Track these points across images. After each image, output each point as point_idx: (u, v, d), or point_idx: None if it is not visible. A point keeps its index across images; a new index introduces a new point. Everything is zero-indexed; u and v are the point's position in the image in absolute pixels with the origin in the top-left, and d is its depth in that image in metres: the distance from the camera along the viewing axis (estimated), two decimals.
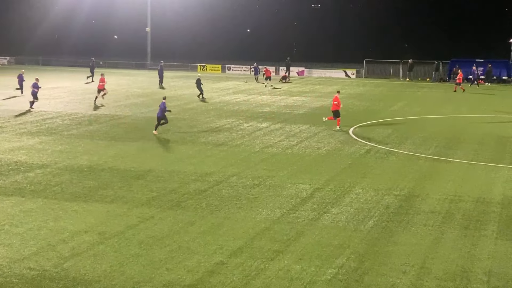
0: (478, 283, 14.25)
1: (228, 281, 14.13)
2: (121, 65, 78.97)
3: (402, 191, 21.85)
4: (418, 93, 55.79)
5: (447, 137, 32.55)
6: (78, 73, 56.37)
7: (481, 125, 37.09)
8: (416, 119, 39.25)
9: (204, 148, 29.12)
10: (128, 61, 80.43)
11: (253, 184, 22.50)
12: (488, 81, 64.08)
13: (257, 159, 26.84)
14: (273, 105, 45.02)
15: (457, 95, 54.03)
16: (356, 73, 71.48)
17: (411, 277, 14.50)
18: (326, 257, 15.65)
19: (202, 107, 43.06)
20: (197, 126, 35.05)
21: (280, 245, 16.40)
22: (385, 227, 18.07)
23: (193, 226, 17.87)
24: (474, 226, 18.17)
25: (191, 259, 15.38)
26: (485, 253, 16.07)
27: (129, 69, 77.77)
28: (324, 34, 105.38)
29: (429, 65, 68.57)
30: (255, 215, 19.02)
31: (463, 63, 67.06)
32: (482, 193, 21.60)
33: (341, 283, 14.17)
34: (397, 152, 28.72)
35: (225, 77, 67.44)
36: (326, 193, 21.45)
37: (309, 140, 31.43)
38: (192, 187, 22.00)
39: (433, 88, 59.80)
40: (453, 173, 24.74)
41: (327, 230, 17.73)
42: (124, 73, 70.39)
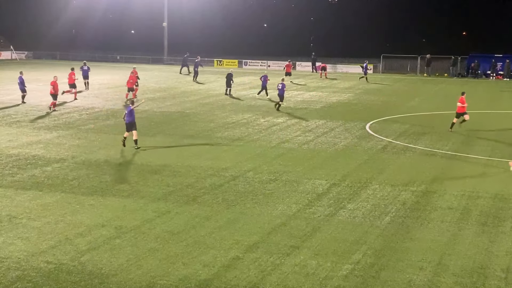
0: (495, 279, 14.14)
1: (244, 276, 14.14)
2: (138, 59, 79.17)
3: (419, 187, 21.73)
4: (436, 88, 55.43)
5: (464, 133, 32.31)
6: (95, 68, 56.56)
7: (499, 121, 36.77)
8: (433, 114, 38.99)
9: (220, 143, 29.13)
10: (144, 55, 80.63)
11: (269, 179, 22.48)
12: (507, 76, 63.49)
13: (273, 154, 26.80)
14: (289, 100, 44.91)
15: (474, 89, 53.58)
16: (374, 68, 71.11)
17: (428, 273, 14.42)
18: (342, 252, 15.61)
19: (218, 102, 43.08)
20: (213, 121, 35.07)
21: (296, 241, 16.38)
22: (402, 223, 17.98)
23: (209, 221, 17.89)
24: (492, 223, 18.03)
25: (207, 253, 15.41)
26: (503, 249, 15.95)
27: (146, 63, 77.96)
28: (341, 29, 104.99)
29: (447, 60, 68.06)
30: (271, 210, 19.01)
31: (482, 58, 66.51)
32: (499, 190, 21.43)
33: (358, 279, 14.12)
34: (414, 148, 28.56)
35: (242, 72, 67.37)
36: (343, 189, 21.38)
37: (325, 135, 31.34)
38: (208, 182, 22.03)
39: (451, 84, 59.38)
40: (471, 169, 24.56)
41: (343, 225, 17.68)
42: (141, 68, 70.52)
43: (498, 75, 64.29)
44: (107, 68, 69.46)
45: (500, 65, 64.79)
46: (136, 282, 13.76)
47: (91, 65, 54.01)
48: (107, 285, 13.61)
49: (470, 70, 66.11)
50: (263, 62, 75.62)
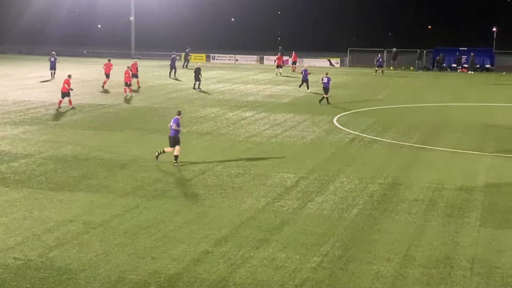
0: (461, 270, 14.40)
1: (214, 270, 14.18)
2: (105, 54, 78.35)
3: (386, 179, 21.98)
4: (402, 82, 56.00)
5: (430, 126, 32.75)
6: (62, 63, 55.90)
7: (464, 113, 37.34)
8: (400, 107, 39.43)
9: (188, 137, 29.07)
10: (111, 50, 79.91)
11: (237, 173, 22.53)
12: (471, 69, 64.45)
13: (242, 148, 26.86)
14: (257, 94, 45.02)
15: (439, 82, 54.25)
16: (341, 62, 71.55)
17: (395, 265, 14.63)
18: (310, 245, 15.75)
19: (186, 97, 42.96)
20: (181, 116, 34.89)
21: (265, 234, 16.47)
22: (370, 215, 18.20)
23: (178, 215, 17.89)
24: (457, 214, 18.34)
25: (177, 248, 15.41)
26: (468, 240, 16.24)
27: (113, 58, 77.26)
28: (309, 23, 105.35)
29: (412, 53, 68.76)
30: (240, 204, 19.07)
31: (447, 52, 67.38)
32: (465, 181, 21.79)
33: (326, 271, 14.27)
34: (381, 140, 28.87)
35: (210, 66, 67.25)
36: (311, 182, 21.54)
37: (293, 129, 31.50)
38: (177, 177, 22.00)
39: (417, 77, 60.04)
40: (437, 161, 24.93)
41: (311, 218, 17.83)
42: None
43: (463, 68, 65.20)
44: (74, 63, 68.68)
45: (465, 58, 65.70)
46: (105, 277, 13.71)
47: (57, 59, 53.36)
48: (75, 280, 13.54)
49: (436, 63, 66.91)
50: (231, 56, 75.57)
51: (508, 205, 19.21)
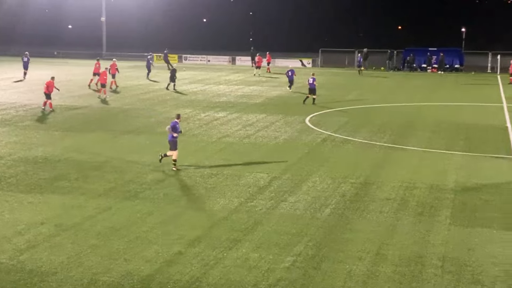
0: (432, 268, 14.58)
1: (187, 271, 14.16)
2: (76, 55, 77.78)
3: (358, 179, 22.15)
4: (373, 82, 56.41)
5: (401, 125, 33.07)
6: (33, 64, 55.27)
7: (434, 113, 37.75)
8: (372, 107, 39.74)
9: (161, 138, 28.95)
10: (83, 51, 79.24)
11: (210, 174, 22.52)
12: (441, 69, 65.18)
13: (215, 149, 26.86)
14: (230, 94, 45.02)
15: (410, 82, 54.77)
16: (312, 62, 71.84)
17: (367, 264, 14.75)
18: (284, 245, 15.80)
19: (158, 97, 42.79)
20: (154, 117, 34.84)
21: (238, 234, 16.49)
22: (342, 214, 18.32)
23: (151, 217, 17.83)
24: (428, 213, 18.55)
25: (149, 249, 15.36)
26: (439, 238, 16.44)
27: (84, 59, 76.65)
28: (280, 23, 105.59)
29: (383, 54, 69.29)
30: (213, 204, 19.07)
31: (417, 52, 68.05)
32: (435, 180, 22.05)
33: (299, 270, 14.34)
34: (353, 140, 29.07)
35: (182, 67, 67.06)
36: (284, 182, 21.61)
37: (266, 129, 31.57)
38: (150, 178, 21.92)
39: (388, 77, 60.54)
40: (408, 161, 25.18)
41: (284, 218, 17.89)
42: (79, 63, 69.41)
43: (433, 68, 65.92)
44: (45, 63, 67.92)
45: (435, 59, 66.42)
46: (78, 279, 13.61)
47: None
48: (47, 283, 13.42)
49: (406, 63, 67.53)
50: (203, 57, 75.41)
51: (477, 203, 19.48)
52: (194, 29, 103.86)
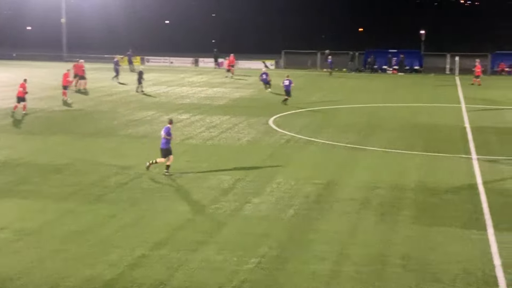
0: (394, 267, 14.78)
1: (151, 274, 14.11)
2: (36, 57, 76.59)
3: (322, 179, 22.31)
4: (336, 83, 56.82)
5: (363, 126, 33.40)
6: None
7: (395, 114, 38.21)
8: (334, 108, 40.05)
9: (124, 140, 28.80)
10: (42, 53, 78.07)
11: (174, 176, 22.44)
12: (401, 71, 65.99)
13: (178, 151, 26.72)
14: (193, 96, 44.91)
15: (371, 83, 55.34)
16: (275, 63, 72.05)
17: (331, 264, 14.89)
18: (248, 246, 15.85)
19: (121, 100, 42.47)
20: (117, 119, 34.57)
21: (202, 236, 16.48)
22: (306, 215, 18.45)
23: (114, 220, 17.71)
24: (390, 212, 18.80)
25: (113, 253, 15.26)
26: (401, 237, 16.68)
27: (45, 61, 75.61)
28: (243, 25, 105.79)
29: (345, 55, 69.86)
30: (177, 207, 19.02)
31: (378, 54, 68.81)
32: (397, 180, 22.35)
33: (263, 271, 14.40)
34: (316, 141, 29.27)
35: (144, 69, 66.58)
36: (247, 184, 21.66)
37: (229, 131, 31.59)
38: (113, 180, 21.76)
39: (350, 78, 61.06)
40: (370, 161, 25.47)
41: (248, 220, 17.95)
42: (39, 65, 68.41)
43: (394, 70, 66.70)
44: (3, 66, 66.83)
45: (395, 60, 67.22)
46: (40, 285, 13.45)
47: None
48: None
49: (367, 65, 68.22)
50: (165, 59, 74.98)
51: (437, 202, 19.81)
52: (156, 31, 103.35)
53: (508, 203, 19.82)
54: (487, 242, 16.35)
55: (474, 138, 30.04)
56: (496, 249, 15.86)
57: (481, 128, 33.03)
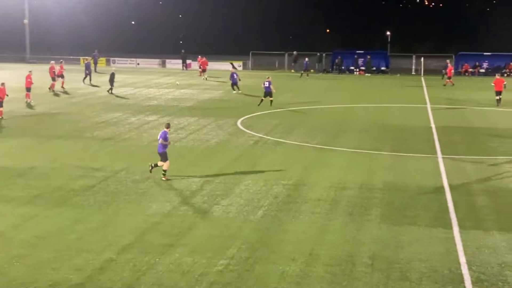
0: (363, 266, 14.83)
1: (118, 278, 13.93)
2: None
3: (290, 180, 22.32)
4: (304, 84, 57.01)
5: (332, 127, 33.53)
6: None
7: (363, 114, 38.47)
8: (303, 109, 40.14)
9: (90, 143, 28.46)
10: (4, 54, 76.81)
11: (142, 179, 22.25)
12: (368, 72, 66.53)
13: (146, 153, 26.53)
14: (160, 98, 44.63)
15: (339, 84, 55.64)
16: (243, 65, 72.04)
17: (300, 264, 14.88)
18: (217, 248, 15.76)
19: (87, 102, 42.01)
20: (82, 121, 34.16)
21: (171, 239, 16.34)
22: (275, 216, 18.42)
23: (81, 224, 17.46)
24: (358, 212, 18.87)
25: (79, 257, 15.03)
26: (369, 237, 16.75)
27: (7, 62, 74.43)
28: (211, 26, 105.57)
29: (312, 56, 70.17)
30: (144, 209, 18.84)
31: (345, 54, 69.26)
32: (365, 180, 22.46)
33: (233, 273, 14.32)
34: (285, 142, 29.29)
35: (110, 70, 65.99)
36: (216, 185, 21.56)
37: (197, 132, 31.44)
38: (79, 184, 21.46)
39: (318, 79, 61.31)
40: (338, 162, 25.56)
41: (217, 221, 17.85)
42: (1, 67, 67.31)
43: (361, 71, 67.21)
44: None
45: (362, 61, 67.74)
46: None
47: None
48: None
49: (335, 66, 68.62)
50: (132, 60, 74.42)
51: (405, 202, 19.96)
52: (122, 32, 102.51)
53: (473, 202, 20.09)
54: (453, 241, 16.52)
55: (439, 138, 30.39)
56: (462, 247, 16.05)
57: (446, 128, 33.44)
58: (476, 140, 30.36)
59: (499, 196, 20.73)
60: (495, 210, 19.21)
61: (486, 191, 21.31)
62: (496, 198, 20.53)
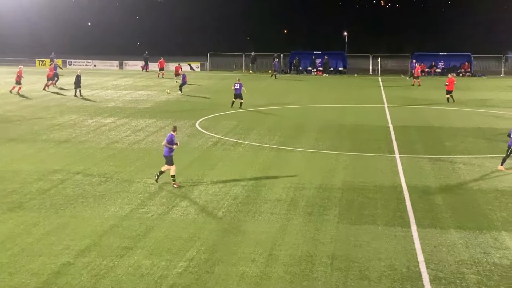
0: (322, 266, 14.92)
1: (76, 282, 13.74)
2: None
3: (249, 181, 22.34)
4: (262, 85, 57.11)
5: (290, 127, 33.67)
6: None
7: (321, 114, 38.72)
8: (261, 110, 40.20)
9: (46, 146, 28.03)
10: None
11: (99, 181, 21.99)
12: (325, 72, 66.98)
13: (103, 155, 26.26)
14: (118, 100, 44.21)
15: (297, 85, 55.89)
16: (201, 66, 71.86)
17: (260, 265, 14.89)
18: (176, 250, 15.68)
19: (42, 104, 41.35)
20: (38, 124, 33.60)
21: (129, 242, 16.19)
22: (234, 217, 18.41)
23: (37, 227, 17.17)
24: (317, 212, 18.98)
25: (36, 261, 14.78)
26: (328, 237, 16.86)
27: None
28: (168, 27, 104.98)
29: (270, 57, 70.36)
30: (102, 212, 18.63)
31: (303, 55, 69.61)
32: (323, 180, 22.60)
33: (192, 275, 14.26)
34: (244, 143, 29.30)
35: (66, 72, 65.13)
36: (175, 187, 21.42)
37: (155, 134, 31.23)
38: (35, 187, 21.11)
39: (276, 80, 61.48)
40: (297, 162, 25.67)
41: (176, 223, 17.76)
42: None
43: (318, 71, 67.64)
44: None
45: (320, 61, 68.19)
46: None
47: None
48: None
49: (292, 66, 68.91)
50: (88, 61, 73.54)
51: (362, 201, 20.15)
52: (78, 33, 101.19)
53: (430, 200, 20.39)
54: (410, 239, 16.74)
55: (396, 137, 30.79)
56: (419, 245, 16.28)
57: (403, 127, 33.89)
58: (433, 139, 30.84)
59: (455, 194, 21.10)
60: (452, 208, 19.54)
61: (443, 189, 21.67)
62: (452, 196, 20.89)
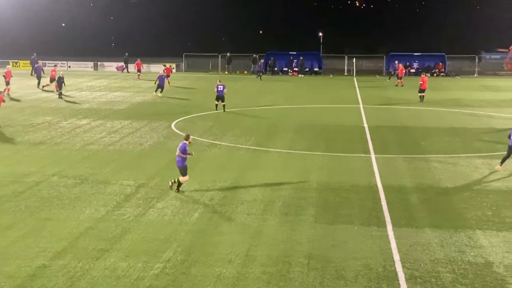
0: (299, 266, 14.99)
1: (51, 284, 13.65)
2: None
3: (226, 182, 22.35)
4: (237, 85, 57.13)
5: (266, 128, 33.74)
6: None
7: (296, 115, 38.86)
8: (237, 111, 40.23)
9: (20, 148, 27.77)
10: None
11: (75, 183, 21.86)
12: (301, 73, 67.22)
13: (79, 157, 26.10)
14: (93, 101, 43.94)
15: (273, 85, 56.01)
16: (176, 67, 71.68)
17: (237, 266, 14.92)
18: (153, 252, 15.65)
19: (17, 105, 40.94)
20: (12, 125, 33.27)
21: (105, 244, 16.12)
22: (211, 218, 18.41)
23: (12, 230, 17.02)
24: (294, 212, 19.06)
25: (11, 264, 14.66)
26: (305, 237, 16.94)
27: None
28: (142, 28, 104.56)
29: (246, 58, 70.45)
30: (78, 214, 18.52)
31: (279, 56, 69.80)
32: (299, 180, 22.69)
33: (169, 276, 14.25)
34: (220, 144, 29.30)
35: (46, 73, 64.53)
36: (151, 189, 21.39)
37: (131, 135, 31.10)
38: (10, 189, 20.91)
39: (252, 81, 61.58)
40: (273, 162, 25.74)
41: (153, 225, 17.72)
42: None
43: (294, 72, 67.86)
44: None
45: (295, 62, 68.41)
46: None
47: None
48: None
49: (268, 67, 69.05)
50: (62, 63, 72.93)
51: (338, 201, 20.27)
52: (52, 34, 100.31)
53: (405, 200, 20.57)
54: (386, 238, 16.88)
55: (372, 138, 31.01)
56: (395, 244, 16.42)
57: (378, 127, 34.14)
58: (408, 139, 31.12)
59: (430, 194, 21.32)
60: (427, 207, 19.74)
61: (418, 189, 21.88)
62: (427, 195, 21.11)
